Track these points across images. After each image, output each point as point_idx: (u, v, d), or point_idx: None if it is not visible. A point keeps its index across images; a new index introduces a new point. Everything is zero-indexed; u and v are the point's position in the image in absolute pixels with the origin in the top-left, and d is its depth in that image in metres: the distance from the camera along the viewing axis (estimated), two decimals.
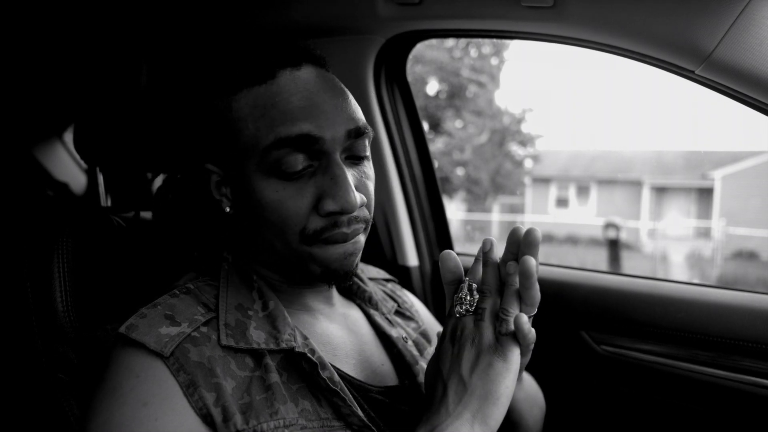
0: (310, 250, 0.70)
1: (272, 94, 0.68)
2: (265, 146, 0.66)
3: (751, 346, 1.04)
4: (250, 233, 0.75)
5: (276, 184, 0.68)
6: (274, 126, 0.66)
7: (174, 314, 0.67)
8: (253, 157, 0.68)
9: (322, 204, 0.68)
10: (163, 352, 0.62)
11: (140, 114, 0.95)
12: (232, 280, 0.74)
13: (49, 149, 2.13)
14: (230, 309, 0.70)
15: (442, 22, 1.15)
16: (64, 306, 0.80)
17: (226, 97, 0.71)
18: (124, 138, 0.96)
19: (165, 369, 0.63)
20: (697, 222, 13.34)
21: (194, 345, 0.65)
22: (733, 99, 0.90)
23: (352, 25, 1.21)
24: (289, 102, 0.67)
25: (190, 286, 0.72)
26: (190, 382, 0.62)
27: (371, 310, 0.88)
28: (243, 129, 0.68)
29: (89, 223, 0.87)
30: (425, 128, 1.50)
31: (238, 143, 0.69)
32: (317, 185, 0.68)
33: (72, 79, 1.71)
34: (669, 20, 0.87)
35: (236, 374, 0.65)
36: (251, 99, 0.68)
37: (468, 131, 13.55)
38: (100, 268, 0.86)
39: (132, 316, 0.67)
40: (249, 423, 0.62)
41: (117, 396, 0.62)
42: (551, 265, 1.38)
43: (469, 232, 13.94)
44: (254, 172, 0.68)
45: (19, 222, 0.85)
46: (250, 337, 0.68)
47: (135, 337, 0.63)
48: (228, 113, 0.70)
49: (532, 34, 1.06)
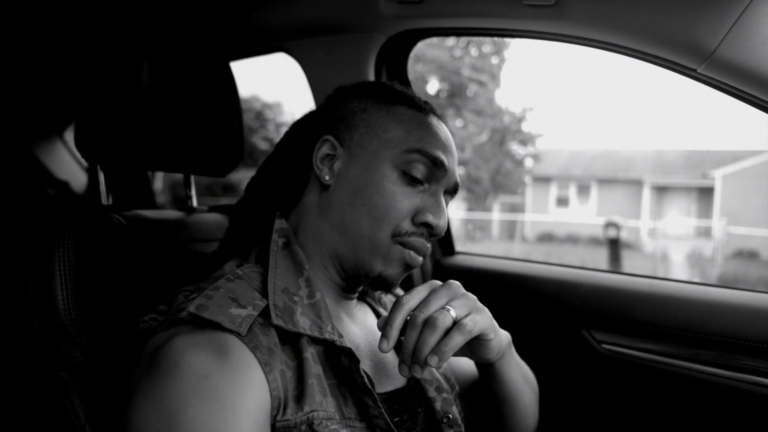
0: (390, 245, 0.76)
1: (425, 122, 0.81)
2: (409, 148, 0.77)
3: (751, 345, 1.04)
4: (342, 207, 0.78)
5: (396, 179, 0.77)
6: (423, 140, 0.78)
7: (237, 297, 0.68)
8: (393, 149, 0.77)
9: (421, 214, 0.77)
10: (240, 330, 0.63)
11: (141, 112, 0.95)
12: (280, 264, 0.76)
13: (50, 147, 2.13)
14: (278, 292, 0.72)
15: (444, 21, 1.15)
16: (65, 304, 0.80)
17: (387, 104, 0.81)
18: (125, 136, 0.96)
19: (243, 346, 0.63)
20: (698, 221, 13.35)
21: (259, 330, 0.66)
22: (735, 97, 0.89)
23: (353, 23, 1.21)
24: (437, 135, 0.80)
25: (239, 272, 0.73)
26: (266, 361, 0.63)
27: (381, 309, 0.91)
28: (395, 127, 0.79)
29: (90, 222, 0.87)
30: None
31: (385, 134, 0.79)
32: (423, 201, 0.78)
33: (73, 76, 1.71)
34: (671, 18, 0.87)
35: (289, 364, 0.67)
36: (408, 113, 0.81)
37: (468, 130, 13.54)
38: (101, 267, 0.86)
39: (198, 296, 0.67)
40: (303, 409, 0.63)
41: (184, 375, 0.59)
42: (552, 264, 1.38)
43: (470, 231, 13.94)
44: (386, 161, 0.77)
45: (19, 220, 0.85)
46: (297, 321, 0.70)
47: (208, 316, 0.63)
48: (384, 113, 0.80)
49: (533, 32, 1.06)
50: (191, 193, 1.14)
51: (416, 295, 0.72)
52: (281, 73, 9.45)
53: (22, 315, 0.79)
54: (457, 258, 1.50)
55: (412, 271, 0.80)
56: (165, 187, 4.90)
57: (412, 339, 0.68)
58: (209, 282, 0.72)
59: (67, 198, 2.12)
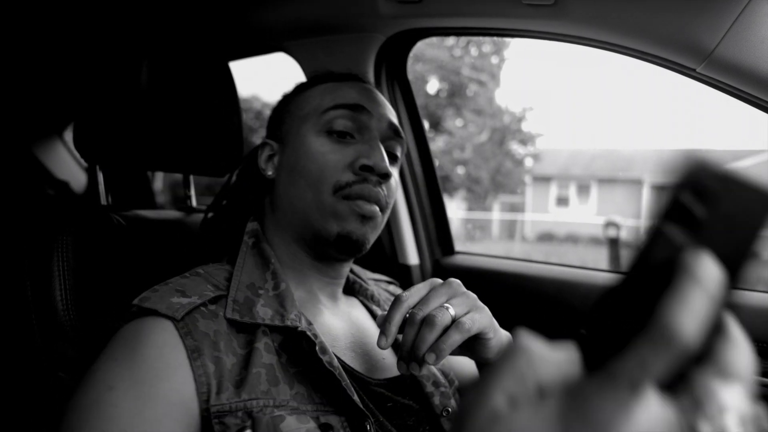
0: (336, 203, 0.77)
1: (340, 85, 0.85)
2: (324, 108, 0.81)
3: (751, 344, 1.04)
4: (285, 189, 0.82)
5: (324, 141, 0.80)
6: (337, 96, 0.82)
7: (184, 289, 0.70)
8: (312, 119, 0.81)
9: (358, 161, 0.78)
10: (175, 315, 0.65)
11: (141, 112, 0.95)
12: (248, 261, 0.78)
13: (49, 147, 2.13)
14: (241, 287, 0.74)
15: (443, 20, 1.15)
16: (64, 304, 0.80)
17: (304, 90, 0.87)
18: (125, 136, 0.96)
19: (174, 331, 0.65)
20: None
21: (203, 317, 0.68)
22: (734, 97, 0.89)
23: (352, 23, 1.21)
24: (352, 89, 0.84)
25: (199, 270, 0.76)
26: (195, 347, 0.64)
27: (373, 306, 0.91)
28: (311, 101, 0.83)
29: (89, 222, 0.87)
30: (425, 127, 1.50)
31: (303, 111, 0.83)
32: (356, 150, 0.80)
33: (72, 77, 1.71)
34: (670, 18, 0.87)
35: (237, 351, 0.67)
36: (322, 87, 0.85)
37: (468, 130, 13.55)
38: (100, 267, 0.86)
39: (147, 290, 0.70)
40: (240, 396, 0.63)
41: (116, 357, 0.63)
42: (552, 264, 1.38)
43: (470, 230, 13.95)
44: (309, 131, 0.81)
45: (19, 220, 0.85)
46: (257, 313, 0.71)
47: (147, 305, 0.66)
48: (301, 97, 0.86)
49: (532, 32, 1.06)
50: (191, 193, 1.15)
51: (416, 292, 0.72)
52: (281, 73, 9.46)
53: (21, 314, 0.79)
54: (457, 258, 1.50)
55: (373, 222, 0.80)
56: (165, 187, 4.89)
57: (411, 336, 0.68)
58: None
59: (66, 198, 2.12)
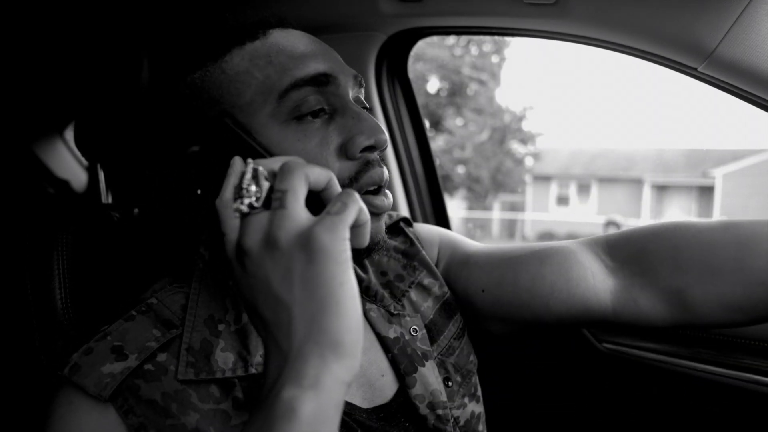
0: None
1: (272, 44, 0.63)
2: (281, 90, 0.60)
3: (751, 344, 1.04)
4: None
5: (297, 131, 0.60)
6: (286, 69, 0.61)
7: (124, 344, 0.58)
8: (266, 106, 0.61)
9: (353, 143, 0.60)
10: (102, 395, 0.54)
11: (141, 110, 0.95)
12: (205, 284, 0.64)
13: (50, 146, 2.13)
14: (198, 325, 0.61)
15: (444, 19, 1.15)
16: (64, 303, 0.80)
17: (213, 62, 0.63)
18: (125, 134, 0.96)
19: (110, 413, 0.54)
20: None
21: (146, 381, 0.56)
22: (735, 96, 0.89)
23: (353, 22, 1.21)
24: (296, 47, 0.63)
25: (152, 301, 0.63)
26: (140, 425, 0.54)
27: (368, 304, 0.76)
28: (247, 81, 0.61)
29: (89, 220, 0.87)
30: (426, 126, 1.50)
31: (242, 99, 0.61)
32: (340, 130, 0.62)
33: (72, 75, 1.71)
34: (671, 17, 0.87)
35: (199, 407, 0.57)
36: (247, 54, 0.62)
37: (469, 129, 13.55)
38: (100, 265, 0.86)
39: (78, 351, 0.58)
40: None
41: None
42: None
43: (470, 229, 13.95)
44: (269, 122, 0.61)
45: (19, 219, 0.85)
46: (215, 363, 0.59)
47: (76, 380, 0.56)
48: (220, 75, 0.63)
49: (533, 31, 1.06)
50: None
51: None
52: None
53: (20, 313, 0.79)
54: None
55: (389, 206, 0.64)
56: None
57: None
58: (136, 304, 0.65)
59: (67, 197, 2.12)
